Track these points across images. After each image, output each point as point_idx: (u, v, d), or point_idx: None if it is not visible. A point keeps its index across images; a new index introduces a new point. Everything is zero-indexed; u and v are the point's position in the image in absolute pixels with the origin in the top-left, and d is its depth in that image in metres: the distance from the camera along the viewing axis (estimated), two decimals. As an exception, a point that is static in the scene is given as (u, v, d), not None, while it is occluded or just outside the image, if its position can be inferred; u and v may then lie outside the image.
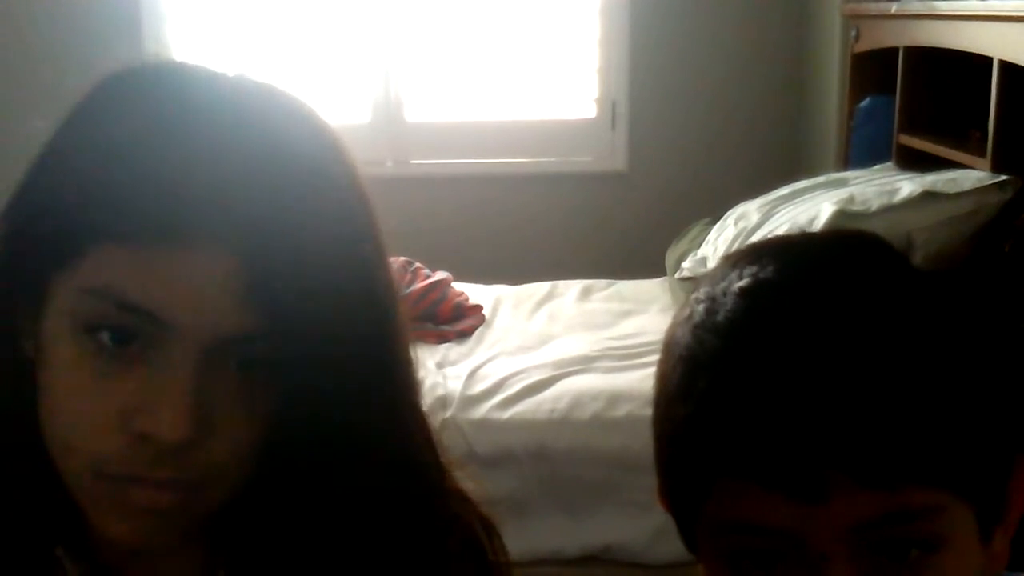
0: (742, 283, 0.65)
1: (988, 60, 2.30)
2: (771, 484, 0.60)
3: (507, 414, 2.34)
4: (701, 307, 0.66)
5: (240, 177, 0.61)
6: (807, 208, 2.61)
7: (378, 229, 0.70)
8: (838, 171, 3.09)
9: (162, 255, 0.60)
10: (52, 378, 0.65)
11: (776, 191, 2.91)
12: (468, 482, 0.82)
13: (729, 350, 0.63)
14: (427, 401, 2.58)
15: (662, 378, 0.68)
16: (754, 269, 0.65)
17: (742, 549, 0.64)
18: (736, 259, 0.68)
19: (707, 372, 0.63)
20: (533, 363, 2.54)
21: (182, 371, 0.62)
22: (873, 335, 0.61)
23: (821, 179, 2.90)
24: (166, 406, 0.61)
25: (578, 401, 2.36)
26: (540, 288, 3.19)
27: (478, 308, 2.96)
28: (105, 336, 0.63)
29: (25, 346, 0.67)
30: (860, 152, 3.07)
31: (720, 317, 0.64)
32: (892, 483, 0.60)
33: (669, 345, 0.68)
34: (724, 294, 0.65)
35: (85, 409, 0.63)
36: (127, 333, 0.62)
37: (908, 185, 2.46)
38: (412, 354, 0.74)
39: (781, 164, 3.69)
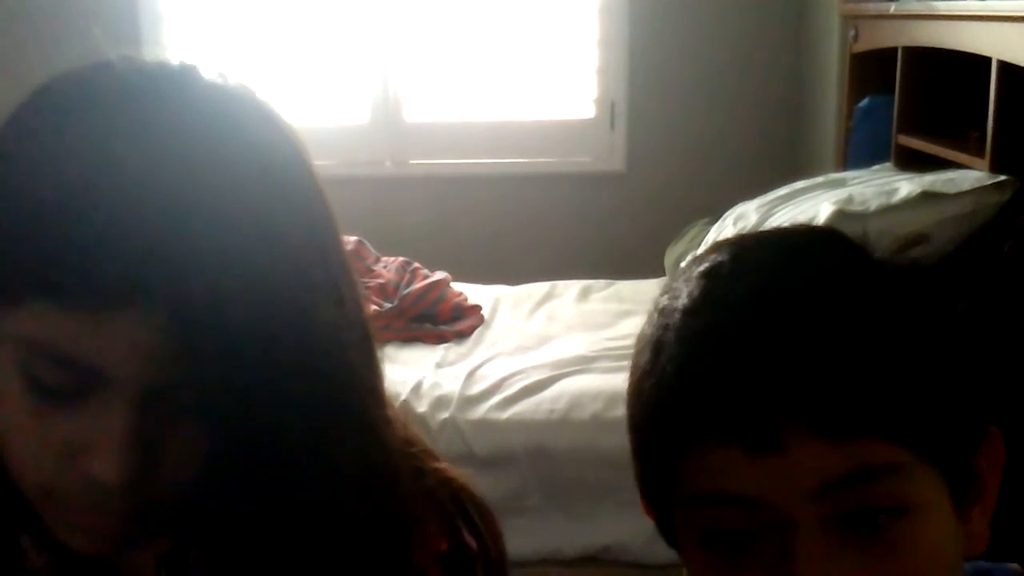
0: (700, 268, 0.68)
1: (987, 60, 2.30)
2: (728, 438, 0.62)
3: (506, 414, 2.34)
4: (665, 297, 0.69)
5: (168, 233, 0.60)
6: (806, 208, 2.61)
7: (328, 259, 0.69)
8: (837, 171, 3.09)
9: (91, 314, 0.61)
10: None
11: (775, 191, 2.91)
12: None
13: (688, 324, 0.65)
14: (426, 401, 2.58)
15: (634, 370, 0.70)
16: (713, 256, 0.69)
17: (714, 526, 0.64)
18: (698, 255, 0.71)
19: (669, 347, 0.66)
20: (532, 363, 2.54)
21: (119, 417, 0.63)
22: (826, 294, 0.64)
23: (820, 179, 2.90)
24: (105, 451, 0.63)
25: (577, 401, 2.36)
26: (539, 288, 3.19)
27: (477, 308, 2.96)
28: (44, 381, 0.63)
29: None
30: (859, 152, 3.07)
31: (682, 300, 0.67)
32: (847, 432, 0.61)
33: (639, 339, 0.70)
34: (686, 281, 0.68)
35: (29, 443, 0.65)
36: (64, 383, 0.63)
37: (907, 185, 2.46)
38: (372, 377, 0.74)
39: (780, 164, 3.69)
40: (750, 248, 0.69)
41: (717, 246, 0.70)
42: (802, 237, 0.71)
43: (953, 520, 0.65)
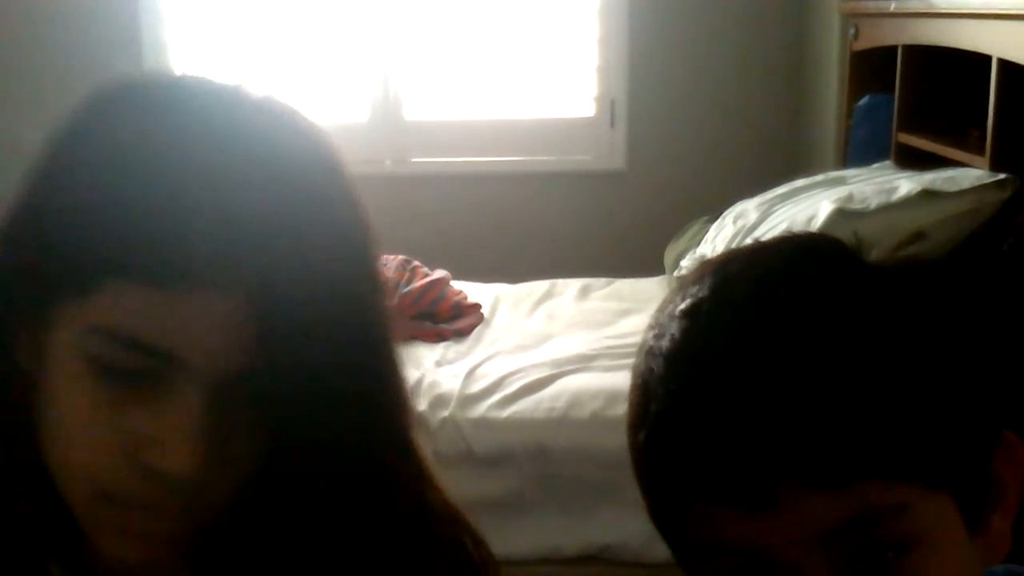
0: (683, 305, 0.66)
1: (987, 58, 2.30)
2: (721, 499, 0.60)
3: (506, 413, 2.34)
4: (651, 334, 0.68)
5: (247, 215, 0.61)
6: (806, 207, 2.60)
7: (374, 256, 0.71)
8: (837, 169, 3.08)
9: (172, 295, 0.61)
10: (54, 402, 0.65)
11: (775, 189, 2.90)
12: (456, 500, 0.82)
13: (671, 373, 0.64)
14: (426, 400, 2.57)
15: (629, 406, 0.69)
16: (695, 289, 0.66)
17: (722, 571, 0.63)
18: (683, 281, 0.69)
19: (655, 397, 0.64)
20: (532, 362, 2.54)
21: (191, 407, 0.62)
22: (806, 336, 0.61)
23: (820, 177, 2.89)
24: (175, 442, 0.62)
25: (577, 400, 2.35)
26: (539, 287, 3.19)
27: (477, 307, 2.96)
28: (113, 373, 0.62)
29: (21, 358, 0.67)
30: (859, 150, 3.07)
31: (665, 342, 0.65)
32: (844, 481, 0.59)
33: (632, 373, 0.69)
34: (669, 318, 0.66)
35: (90, 438, 0.63)
36: (137, 370, 0.62)
37: (907, 183, 2.45)
38: (405, 382, 0.75)
39: (780, 162, 3.69)
40: (732, 280, 0.66)
41: (700, 274, 0.67)
42: (786, 263, 0.67)
43: (966, 539, 0.63)
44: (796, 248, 0.69)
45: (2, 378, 0.68)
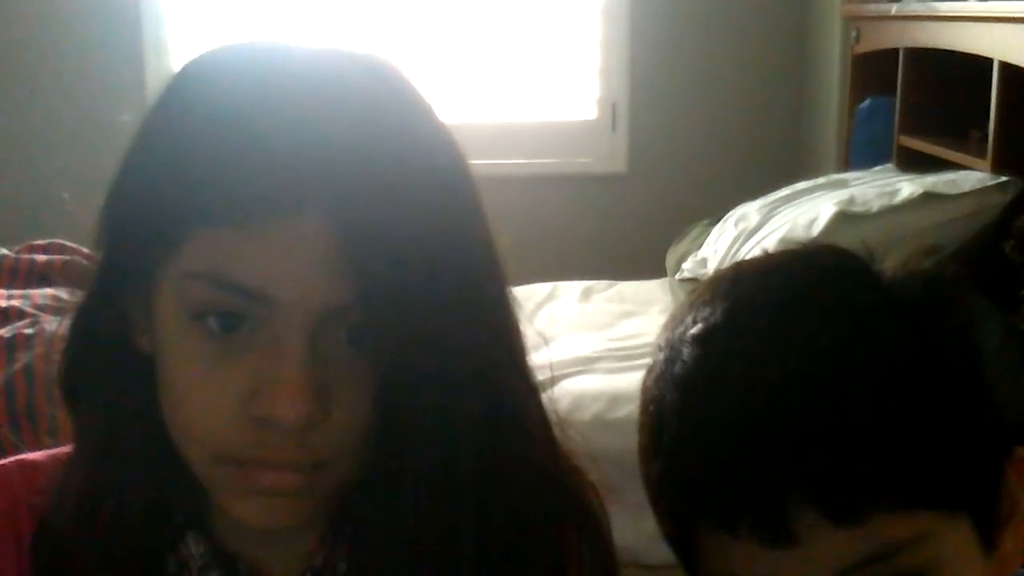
0: (694, 330, 0.65)
1: (988, 61, 2.30)
2: (740, 533, 0.60)
3: (507, 415, 2.34)
4: (661, 356, 0.66)
5: (333, 147, 0.60)
6: (807, 209, 2.61)
7: (479, 203, 0.70)
8: (838, 172, 3.09)
9: (261, 231, 0.60)
10: (168, 368, 0.65)
11: (776, 192, 2.91)
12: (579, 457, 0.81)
13: (685, 402, 0.63)
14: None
15: (639, 430, 0.68)
16: (706, 312, 0.65)
17: None
18: (693, 300, 0.68)
19: (669, 426, 0.64)
20: (533, 364, 2.53)
21: (293, 350, 0.61)
22: (822, 366, 0.60)
23: (821, 180, 2.90)
24: (282, 388, 0.61)
25: (578, 402, 2.35)
26: (540, 289, 3.18)
27: (478, 309, 2.95)
28: (212, 322, 0.62)
29: (141, 341, 0.68)
30: (860, 153, 3.07)
31: (677, 368, 0.64)
32: (862, 516, 0.58)
33: (642, 396, 0.68)
34: (680, 341, 0.65)
35: (202, 397, 0.63)
36: (233, 317, 0.62)
37: (908, 186, 2.46)
38: (519, 327, 0.74)
39: (781, 165, 3.69)
40: (744, 304, 0.64)
41: (709, 296, 0.66)
42: (800, 287, 0.65)
43: (980, 558, 0.63)
44: (808, 270, 0.67)
45: (125, 363, 0.69)
